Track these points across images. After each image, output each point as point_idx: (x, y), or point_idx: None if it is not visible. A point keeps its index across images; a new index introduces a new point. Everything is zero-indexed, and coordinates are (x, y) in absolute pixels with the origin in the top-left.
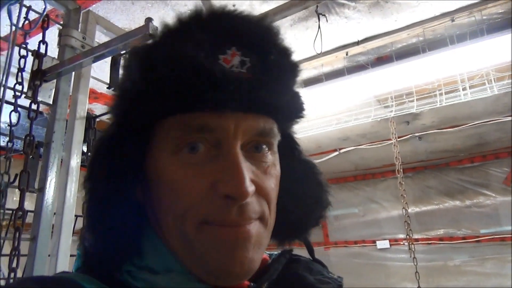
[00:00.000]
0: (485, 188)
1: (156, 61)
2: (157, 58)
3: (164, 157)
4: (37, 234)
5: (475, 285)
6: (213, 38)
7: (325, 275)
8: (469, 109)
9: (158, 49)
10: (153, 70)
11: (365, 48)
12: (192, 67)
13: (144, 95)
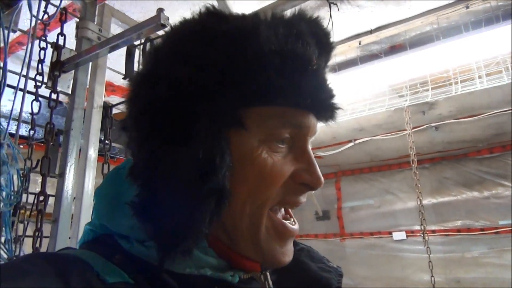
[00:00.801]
0: (504, 179)
1: (263, 49)
2: (263, 46)
3: (252, 143)
4: (58, 217)
5: (494, 277)
6: (313, 40)
7: (326, 263)
8: (487, 98)
9: (264, 38)
10: (258, 57)
11: (378, 37)
12: (302, 66)
13: (247, 80)
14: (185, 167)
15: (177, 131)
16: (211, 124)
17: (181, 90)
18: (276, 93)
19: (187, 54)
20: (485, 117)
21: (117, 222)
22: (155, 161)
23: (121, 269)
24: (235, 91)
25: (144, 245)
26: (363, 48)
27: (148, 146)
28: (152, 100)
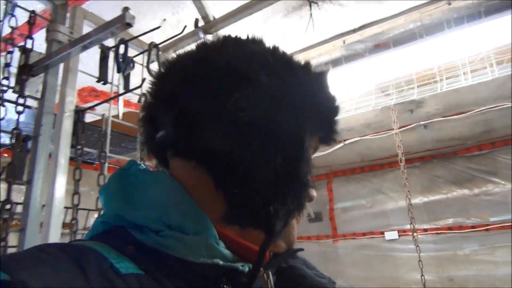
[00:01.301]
0: (493, 176)
1: (332, 101)
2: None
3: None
4: (25, 225)
5: (486, 274)
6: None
7: (320, 272)
8: (474, 94)
9: (329, 95)
10: (328, 105)
11: (362, 35)
12: (339, 112)
13: (331, 117)
14: (301, 167)
15: (291, 138)
16: (309, 138)
17: (292, 107)
18: (328, 129)
19: (293, 82)
20: (473, 115)
21: (131, 213)
22: (265, 156)
23: (133, 260)
24: (317, 122)
25: (159, 234)
26: (347, 47)
27: (257, 143)
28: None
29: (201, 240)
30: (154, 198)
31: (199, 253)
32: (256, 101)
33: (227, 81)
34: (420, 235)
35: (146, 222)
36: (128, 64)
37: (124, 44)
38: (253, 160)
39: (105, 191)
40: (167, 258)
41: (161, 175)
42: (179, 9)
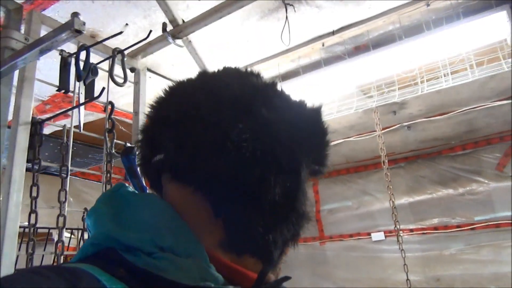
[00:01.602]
0: (477, 175)
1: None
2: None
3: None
4: None
5: (472, 273)
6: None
7: None
8: (456, 95)
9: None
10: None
11: (341, 38)
12: (330, 144)
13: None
14: (299, 195)
15: (289, 169)
16: (305, 171)
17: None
18: (319, 160)
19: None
20: (455, 115)
21: (124, 234)
22: (265, 186)
23: (124, 282)
24: (309, 153)
25: (152, 256)
26: (327, 49)
27: (257, 173)
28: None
29: (194, 263)
30: (145, 220)
31: (192, 276)
32: (258, 132)
33: (232, 112)
34: (406, 235)
35: (138, 243)
36: (90, 71)
37: (85, 51)
38: (253, 190)
39: (94, 213)
40: (160, 281)
41: (152, 198)
42: (151, 12)
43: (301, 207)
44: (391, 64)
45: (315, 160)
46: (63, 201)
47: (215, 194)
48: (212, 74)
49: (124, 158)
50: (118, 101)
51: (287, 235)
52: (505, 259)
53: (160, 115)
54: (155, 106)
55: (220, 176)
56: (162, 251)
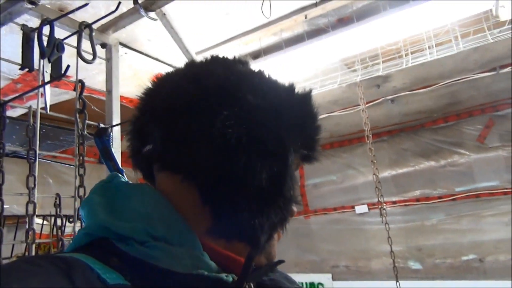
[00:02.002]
0: (459, 147)
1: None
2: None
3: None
4: None
5: (452, 242)
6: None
7: (299, 285)
8: (440, 68)
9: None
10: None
11: (324, 9)
12: (320, 130)
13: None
14: (285, 180)
15: (276, 154)
16: (294, 159)
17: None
18: (308, 145)
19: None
20: (438, 88)
21: (117, 224)
22: (251, 171)
23: (118, 271)
24: (298, 137)
25: (145, 245)
26: (309, 22)
27: (243, 159)
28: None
29: (186, 251)
30: (138, 210)
31: (184, 264)
32: (243, 119)
33: (217, 100)
34: (389, 207)
35: (131, 233)
36: (54, 47)
37: (49, 25)
38: (240, 176)
39: (87, 203)
40: (152, 269)
41: (145, 188)
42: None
43: (288, 192)
44: (376, 37)
45: (305, 145)
46: (32, 187)
47: (202, 182)
48: (198, 64)
49: (97, 139)
50: (94, 79)
51: (275, 219)
52: (483, 228)
53: (148, 106)
54: (144, 97)
55: (206, 163)
56: (155, 240)
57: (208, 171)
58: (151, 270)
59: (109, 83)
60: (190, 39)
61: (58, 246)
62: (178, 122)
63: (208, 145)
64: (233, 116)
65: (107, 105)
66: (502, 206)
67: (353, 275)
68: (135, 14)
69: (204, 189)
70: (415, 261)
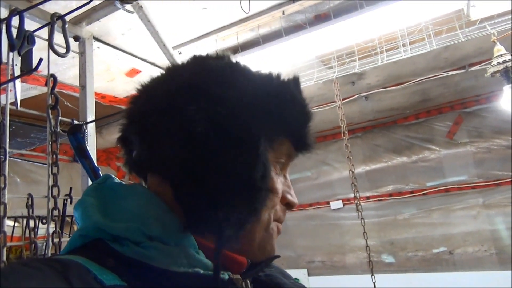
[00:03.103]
0: (430, 143)
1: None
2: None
3: (269, 160)
4: None
5: (423, 235)
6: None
7: (295, 281)
8: (412, 65)
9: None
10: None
11: (302, 6)
12: (310, 116)
13: (292, 118)
14: (250, 171)
15: (240, 143)
16: (266, 143)
17: (243, 114)
18: (294, 130)
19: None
20: (410, 85)
21: (112, 225)
22: (213, 165)
23: (114, 272)
24: (279, 123)
25: (140, 246)
26: (287, 18)
27: (202, 153)
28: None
29: (182, 250)
30: (133, 211)
31: (180, 263)
32: (208, 112)
33: (183, 97)
34: (363, 202)
35: (126, 234)
36: (25, 39)
37: (18, 16)
38: (204, 169)
39: (80, 205)
40: (148, 269)
41: (138, 188)
42: None
43: (258, 181)
44: (352, 34)
45: (290, 133)
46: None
47: (173, 180)
48: (176, 66)
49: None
50: (65, 74)
51: (243, 210)
52: (453, 221)
53: (130, 113)
54: (129, 105)
55: (174, 161)
56: (150, 240)
57: (175, 167)
58: (147, 270)
59: (82, 78)
60: (166, 33)
61: (31, 249)
62: (149, 124)
63: (174, 142)
64: (198, 111)
65: (81, 101)
66: (470, 200)
67: (328, 269)
68: (110, 7)
69: (174, 186)
70: (388, 254)
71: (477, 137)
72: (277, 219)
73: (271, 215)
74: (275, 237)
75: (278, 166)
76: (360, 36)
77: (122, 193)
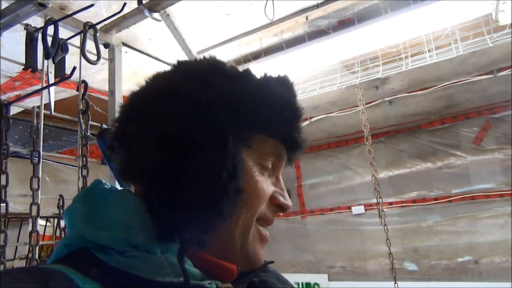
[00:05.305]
0: (455, 149)
1: (265, 97)
2: (265, 95)
3: (251, 161)
4: None
5: (447, 244)
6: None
7: (291, 285)
8: (437, 71)
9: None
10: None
11: (325, 11)
12: (290, 112)
13: (255, 115)
14: (215, 169)
15: (207, 144)
16: (236, 141)
17: (210, 113)
18: (275, 127)
19: (218, 89)
20: (436, 90)
21: (96, 234)
22: (178, 166)
23: (98, 282)
24: (252, 120)
25: (124, 255)
26: (310, 23)
27: (168, 154)
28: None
29: (167, 259)
30: (119, 219)
31: (165, 272)
32: (175, 113)
33: (152, 101)
34: (386, 208)
35: (110, 243)
36: (59, 48)
37: (53, 25)
38: (168, 171)
39: (70, 213)
40: (133, 279)
41: (127, 195)
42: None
43: (224, 183)
44: (376, 39)
45: (275, 132)
46: (36, 189)
47: (143, 184)
48: (158, 73)
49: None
50: (93, 78)
51: (206, 213)
52: (479, 230)
53: (116, 120)
54: (118, 113)
55: (144, 165)
56: (134, 249)
57: (145, 173)
58: (131, 280)
59: (111, 83)
60: (191, 38)
61: None
62: (126, 131)
63: (144, 147)
64: (166, 113)
65: (109, 106)
66: (498, 208)
67: (349, 275)
68: (138, 15)
69: (145, 194)
70: (411, 262)
71: (505, 143)
72: (263, 221)
73: (252, 217)
74: (259, 243)
75: (265, 166)
76: (384, 41)
77: (111, 199)
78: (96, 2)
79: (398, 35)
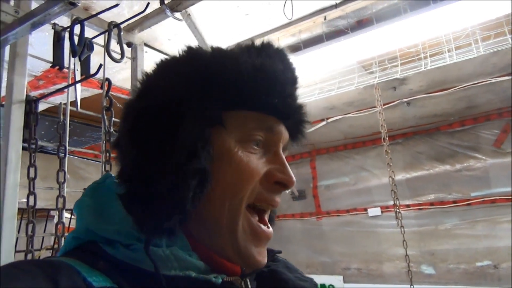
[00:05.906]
0: (475, 151)
1: (238, 63)
2: (238, 59)
3: (230, 141)
4: None
5: (466, 247)
6: (280, 63)
7: (301, 274)
8: (457, 71)
9: (239, 54)
10: (235, 70)
11: (344, 11)
12: (272, 78)
13: (226, 88)
14: (173, 152)
15: (166, 128)
16: (196, 121)
17: (170, 96)
18: (249, 99)
19: (176, 71)
20: (456, 91)
21: (103, 227)
22: (144, 154)
23: (105, 275)
24: (217, 97)
25: (129, 248)
26: (329, 23)
27: (137, 143)
28: (145, 106)
29: (172, 253)
30: (125, 213)
31: (170, 266)
32: (144, 103)
33: (138, 96)
34: (403, 210)
35: (117, 236)
36: (85, 46)
37: (79, 24)
38: (136, 161)
39: (78, 206)
40: (139, 272)
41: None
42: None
43: (178, 175)
44: (394, 39)
45: (258, 105)
46: (62, 182)
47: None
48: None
49: None
50: (114, 76)
51: (168, 202)
52: (499, 234)
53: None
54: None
55: (121, 167)
56: (140, 242)
57: (123, 171)
58: (137, 273)
59: (134, 82)
60: (210, 38)
61: None
62: (119, 131)
63: (122, 151)
64: (138, 104)
65: None
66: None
67: (364, 278)
68: (160, 14)
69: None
70: (428, 265)
71: None
72: (263, 201)
73: (239, 202)
74: (251, 239)
75: (254, 143)
76: (403, 41)
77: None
78: (120, 2)
79: (417, 35)
